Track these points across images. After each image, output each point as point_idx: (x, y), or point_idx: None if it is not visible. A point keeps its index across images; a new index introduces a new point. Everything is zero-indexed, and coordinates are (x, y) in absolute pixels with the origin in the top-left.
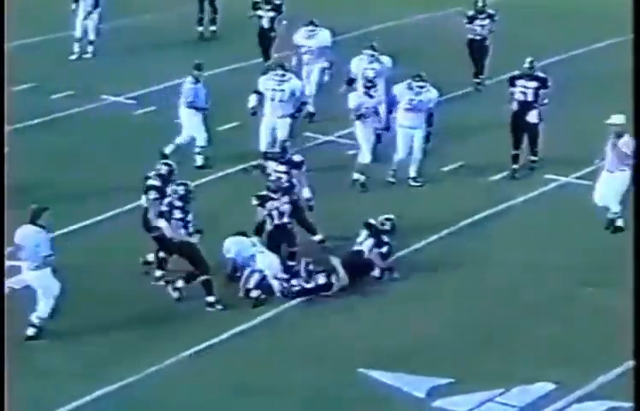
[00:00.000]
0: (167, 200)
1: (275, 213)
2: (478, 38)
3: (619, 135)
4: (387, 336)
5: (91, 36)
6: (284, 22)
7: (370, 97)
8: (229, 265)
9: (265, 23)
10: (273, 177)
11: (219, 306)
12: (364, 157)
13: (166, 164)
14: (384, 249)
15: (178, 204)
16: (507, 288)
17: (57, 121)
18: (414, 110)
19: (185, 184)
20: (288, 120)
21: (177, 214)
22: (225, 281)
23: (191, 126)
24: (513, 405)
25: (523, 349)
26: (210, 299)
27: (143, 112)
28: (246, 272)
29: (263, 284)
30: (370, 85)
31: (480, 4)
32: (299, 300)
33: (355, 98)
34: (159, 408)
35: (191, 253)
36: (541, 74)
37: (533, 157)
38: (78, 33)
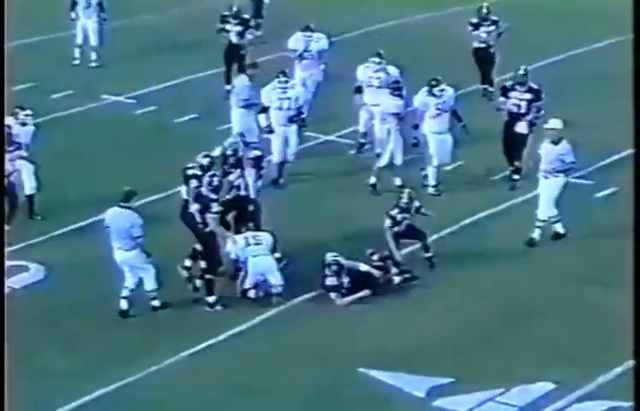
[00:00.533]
0: (203, 191)
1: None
2: (483, 45)
3: (555, 142)
4: (387, 336)
5: (93, 41)
6: (249, 36)
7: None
8: (230, 265)
9: (233, 38)
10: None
11: (218, 307)
12: (384, 160)
13: (207, 155)
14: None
15: (214, 196)
16: (507, 288)
17: (57, 120)
18: (441, 114)
19: (216, 174)
20: (294, 127)
21: (215, 207)
22: (227, 280)
23: (243, 124)
24: (513, 405)
25: (523, 349)
26: (210, 299)
27: (143, 112)
28: (242, 273)
29: (261, 285)
30: (395, 85)
31: (484, 11)
32: (298, 300)
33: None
34: (159, 407)
35: (210, 247)
36: (534, 86)
37: (517, 164)
38: (79, 40)
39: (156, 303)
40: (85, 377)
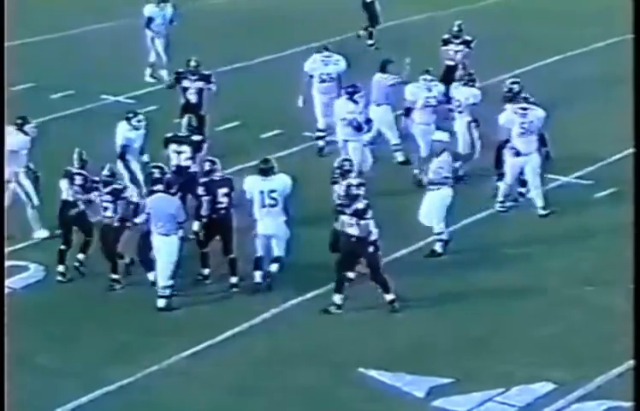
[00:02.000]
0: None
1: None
2: (452, 64)
3: (438, 153)
4: (386, 336)
5: (164, 57)
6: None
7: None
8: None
9: (192, 97)
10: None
11: (236, 289)
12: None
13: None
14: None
15: (229, 177)
16: (508, 288)
17: (57, 120)
18: (526, 134)
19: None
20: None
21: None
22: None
23: (383, 123)
24: (513, 405)
25: (523, 349)
26: (234, 279)
27: (143, 112)
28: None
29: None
30: (469, 76)
31: (455, 29)
32: (298, 300)
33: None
34: (159, 408)
35: (231, 229)
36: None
37: (521, 190)
38: (152, 57)
39: (161, 304)
40: (85, 377)
